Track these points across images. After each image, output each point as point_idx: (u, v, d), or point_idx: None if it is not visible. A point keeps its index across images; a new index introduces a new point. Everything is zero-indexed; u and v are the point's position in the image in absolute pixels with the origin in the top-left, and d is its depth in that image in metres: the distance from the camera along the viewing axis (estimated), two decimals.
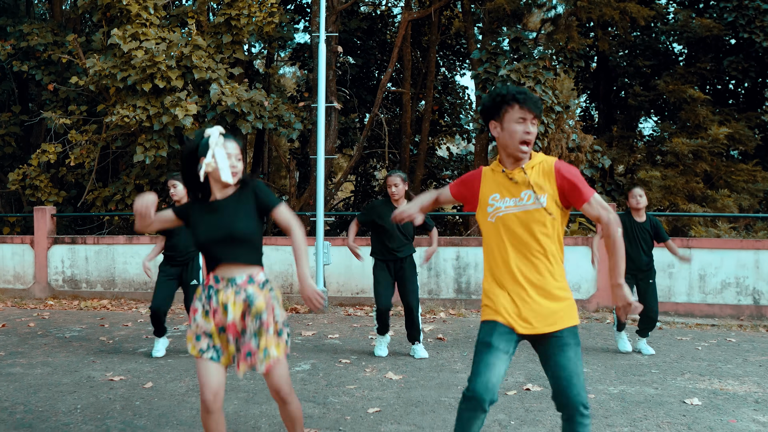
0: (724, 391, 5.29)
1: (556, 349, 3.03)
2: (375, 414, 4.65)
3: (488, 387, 3.00)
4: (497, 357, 3.03)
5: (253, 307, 3.20)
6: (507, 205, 3.09)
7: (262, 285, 3.27)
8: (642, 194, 6.76)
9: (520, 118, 3.05)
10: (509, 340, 3.06)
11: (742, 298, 9.55)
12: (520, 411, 4.71)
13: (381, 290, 6.46)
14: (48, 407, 4.87)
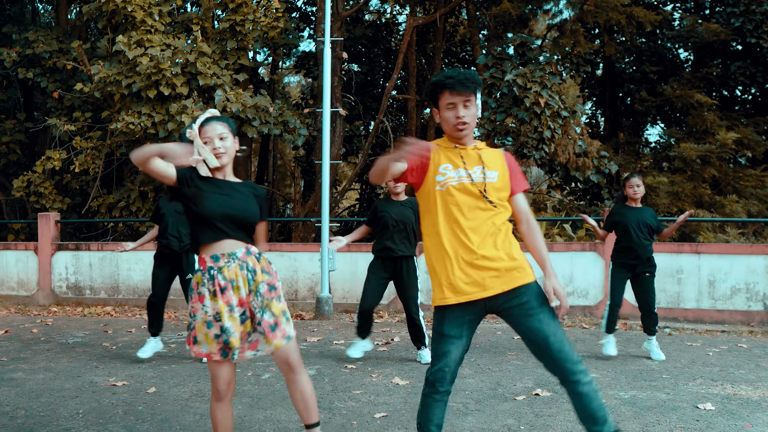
0: (737, 396, 5.19)
1: (523, 317, 3.08)
2: (381, 419, 4.56)
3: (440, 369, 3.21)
4: (450, 344, 3.17)
5: (253, 283, 3.22)
6: (460, 176, 3.13)
7: (257, 256, 3.32)
8: (640, 184, 6.60)
9: (449, 104, 3.13)
10: (460, 323, 3.16)
11: (753, 303, 9.43)
12: (529, 416, 4.62)
13: (367, 288, 6.35)
14: (49, 412, 4.79)
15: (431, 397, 3.24)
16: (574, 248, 9.96)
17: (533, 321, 3.06)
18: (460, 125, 3.12)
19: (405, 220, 6.29)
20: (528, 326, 3.07)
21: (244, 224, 3.29)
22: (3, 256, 11.70)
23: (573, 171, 12.84)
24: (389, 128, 16.93)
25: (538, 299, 3.09)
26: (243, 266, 3.22)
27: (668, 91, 13.47)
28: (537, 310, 3.07)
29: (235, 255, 3.22)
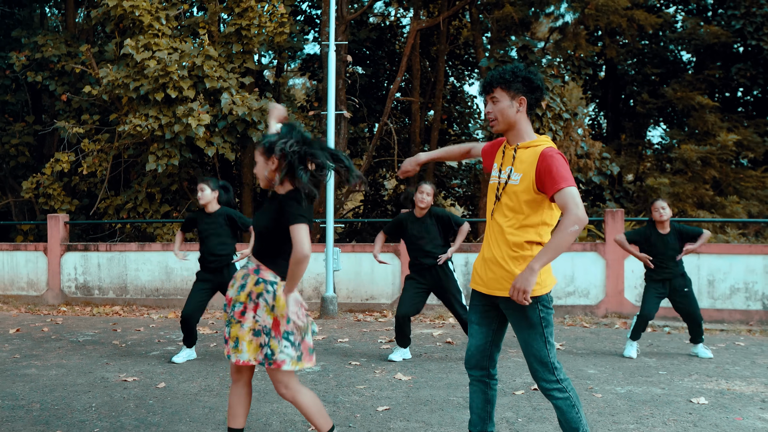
0: (731, 391, 5.33)
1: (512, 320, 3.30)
2: (384, 412, 4.72)
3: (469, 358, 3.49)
4: (472, 329, 3.47)
5: (236, 296, 3.37)
6: (497, 176, 3.37)
7: (260, 281, 3.36)
8: (665, 206, 6.72)
9: (483, 102, 3.40)
10: (483, 311, 3.41)
11: (752, 303, 9.56)
12: (527, 409, 4.77)
13: (403, 297, 6.49)
14: (63, 405, 4.96)
15: (469, 381, 3.55)
16: (576, 248, 10.10)
17: (521, 333, 3.28)
18: (488, 119, 3.36)
19: (424, 234, 6.43)
20: (518, 334, 3.30)
21: (258, 234, 3.46)
22: (13, 257, 11.88)
23: (575, 172, 12.97)
24: (393, 130, 17.09)
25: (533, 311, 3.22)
26: (244, 277, 3.41)
27: (669, 93, 13.60)
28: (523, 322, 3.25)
29: (248, 265, 3.45)
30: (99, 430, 4.36)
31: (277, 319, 3.28)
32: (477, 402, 3.51)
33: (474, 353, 3.45)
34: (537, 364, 3.25)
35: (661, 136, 17.15)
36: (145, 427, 4.40)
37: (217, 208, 6.53)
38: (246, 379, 3.49)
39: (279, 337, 3.28)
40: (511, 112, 3.28)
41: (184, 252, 6.83)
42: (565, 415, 3.27)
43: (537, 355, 3.24)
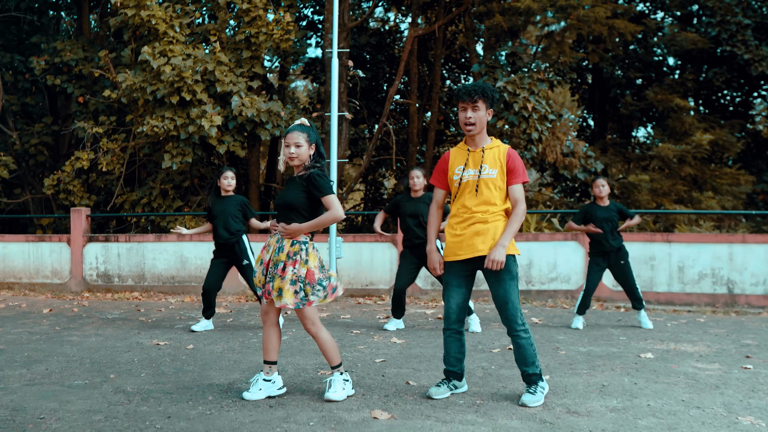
0: (676, 350, 6.25)
1: (493, 279, 4.29)
2: (380, 363, 5.64)
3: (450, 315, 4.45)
4: (453, 291, 4.41)
5: (276, 256, 4.27)
6: (470, 174, 4.29)
7: (294, 242, 4.31)
8: (604, 184, 7.70)
9: (461, 107, 4.33)
10: (459, 275, 4.39)
11: (718, 287, 10.47)
12: (500, 361, 5.69)
13: (399, 273, 7.40)
14: (109, 360, 5.87)
15: (447, 335, 4.48)
16: (558, 238, 11.01)
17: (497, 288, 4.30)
18: (467, 124, 4.31)
19: (418, 212, 7.35)
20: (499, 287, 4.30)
21: (286, 207, 4.37)
22: (38, 248, 12.79)
23: (561, 170, 13.90)
24: (392, 131, 18.01)
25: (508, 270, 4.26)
26: (278, 241, 4.35)
27: (650, 95, 14.53)
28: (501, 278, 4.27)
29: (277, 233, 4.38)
30: (144, 374, 5.27)
31: (310, 269, 4.26)
32: (454, 347, 4.48)
33: (455, 310, 4.43)
34: (512, 309, 4.27)
35: (644, 136, 18.07)
36: (182, 373, 5.31)
37: (233, 194, 7.56)
38: (274, 319, 4.42)
39: (313, 283, 4.26)
40: (485, 120, 4.30)
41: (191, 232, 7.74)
42: (525, 351, 4.28)
43: (514, 301, 4.27)
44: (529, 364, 4.32)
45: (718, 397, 4.51)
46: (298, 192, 4.35)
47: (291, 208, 4.35)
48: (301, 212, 4.35)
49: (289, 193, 4.38)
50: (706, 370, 5.35)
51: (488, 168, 4.28)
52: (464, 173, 4.33)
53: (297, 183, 4.38)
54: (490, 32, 13.73)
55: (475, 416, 4.03)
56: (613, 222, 7.67)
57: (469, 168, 4.32)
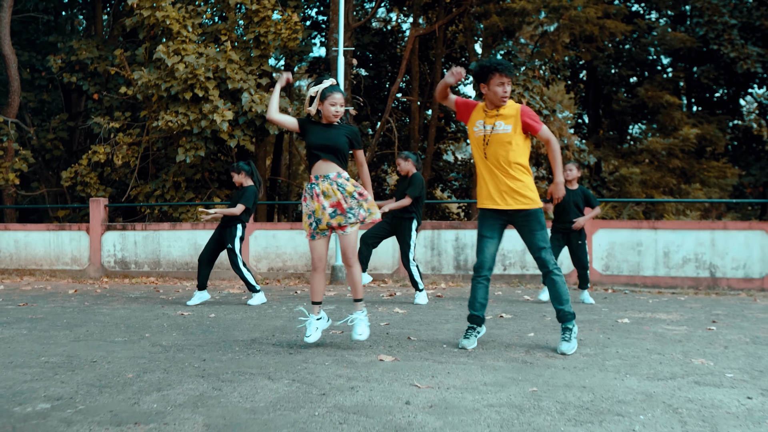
0: (651, 318, 6.92)
1: (525, 229, 4.96)
2: (385, 325, 6.32)
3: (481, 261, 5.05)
4: (487, 243, 5.06)
5: (345, 191, 4.94)
6: (488, 128, 4.93)
7: (347, 178, 5.04)
8: (572, 168, 8.38)
9: (500, 82, 4.92)
10: (493, 226, 5.04)
11: (701, 271, 11.14)
12: (491, 324, 6.37)
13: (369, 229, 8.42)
14: (142, 325, 6.56)
15: (478, 282, 5.08)
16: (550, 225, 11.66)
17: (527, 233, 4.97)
18: (504, 98, 4.93)
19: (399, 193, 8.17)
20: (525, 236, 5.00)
21: (331, 150, 4.98)
22: (59, 236, 13.48)
23: None
24: (394, 128, 18.71)
25: (537, 219, 4.94)
26: (333, 183, 4.98)
27: (641, 92, 15.20)
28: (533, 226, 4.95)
29: (327, 177, 4.99)
30: (175, 334, 5.95)
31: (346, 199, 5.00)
32: (482, 293, 5.12)
33: (488, 259, 5.07)
34: (546, 253, 4.94)
35: (637, 133, 18.73)
36: (209, 333, 5.99)
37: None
38: (323, 267, 5.09)
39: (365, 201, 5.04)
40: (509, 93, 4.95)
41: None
42: (560, 288, 4.99)
43: (547, 245, 4.96)
44: (563, 302, 4.99)
45: (678, 347, 5.18)
46: (344, 139, 5.01)
47: (335, 151, 4.99)
48: (343, 155, 5.05)
49: (338, 138, 5.00)
50: (673, 330, 6.03)
51: (503, 124, 4.91)
52: (483, 127, 4.95)
53: (340, 131, 5.02)
54: (487, 32, 14.41)
55: (467, 359, 4.71)
56: (578, 205, 8.35)
57: (487, 123, 4.94)
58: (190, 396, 3.73)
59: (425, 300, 8.25)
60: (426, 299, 8.28)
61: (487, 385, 3.93)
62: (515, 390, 3.82)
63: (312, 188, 5.02)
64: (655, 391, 3.82)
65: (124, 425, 3.22)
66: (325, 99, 4.99)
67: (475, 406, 3.50)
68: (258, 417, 3.32)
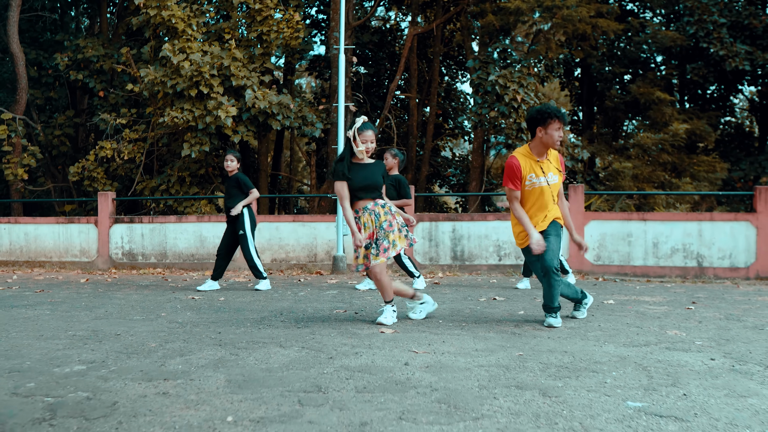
0: (636, 300, 7.35)
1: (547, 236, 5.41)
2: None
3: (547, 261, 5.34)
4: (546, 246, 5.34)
5: (377, 221, 5.36)
6: (540, 180, 5.35)
7: (383, 205, 5.47)
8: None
9: (558, 127, 5.35)
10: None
11: (688, 261, 11.57)
12: (485, 305, 6.80)
13: None
14: (157, 306, 6.98)
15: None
16: None
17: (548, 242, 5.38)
18: (559, 143, 5.38)
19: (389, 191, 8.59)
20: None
21: (374, 189, 5.47)
22: (68, 229, 13.89)
23: None
24: (393, 124, 19.13)
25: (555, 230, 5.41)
26: (371, 213, 5.43)
27: (634, 89, 15.62)
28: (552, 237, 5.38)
29: (366, 207, 5.44)
30: (189, 314, 6.37)
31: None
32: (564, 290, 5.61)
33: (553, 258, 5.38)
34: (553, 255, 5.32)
35: (631, 129, 19.17)
36: (221, 312, 6.41)
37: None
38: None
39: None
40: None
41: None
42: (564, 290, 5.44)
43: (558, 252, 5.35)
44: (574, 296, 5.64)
45: (656, 322, 5.61)
46: (381, 177, 5.51)
47: (377, 189, 5.49)
48: (380, 191, 5.52)
49: (378, 178, 5.50)
50: (654, 309, 6.46)
51: (553, 174, 5.41)
52: (536, 180, 5.36)
53: (376, 170, 5.50)
54: (483, 30, 14.83)
55: (460, 331, 5.14)
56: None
57: (538, 176, 5.37)
58: (211, 359, 4.16)
59: (423, 284, 8.67)
60: (424, 283, 8.70)
61: (478, 351, 4.36)
62: (503, 354, 4.25)
63: (359, 221, 5.48)
64: (629, 354, 4.25)
65: (154, 380, 3.64)
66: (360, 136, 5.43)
67: (467, 366, 3.92)
68: (273, 374, 3.75)
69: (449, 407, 3.08)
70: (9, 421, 2.97)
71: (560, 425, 2.81)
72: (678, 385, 3.48)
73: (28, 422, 2.94)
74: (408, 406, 3.10)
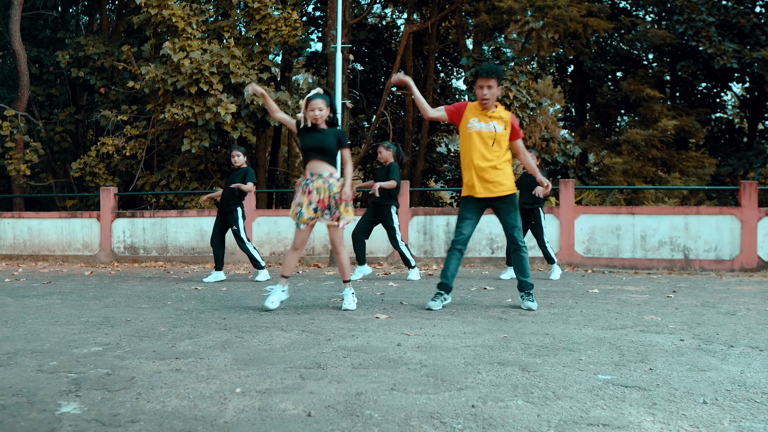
0: (619, 289, 7.69)
1: (503, 211, 5.68)
2: (380, 294, 7.09)
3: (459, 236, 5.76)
4: (466, 223, 5.76)
5: (331, 192, 5.66)
6: (483, 125, 5.66)
7: (338, 179, 5.78)
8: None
9: (479, 86, 5.68)
10: (474, 209, 5.79)
11: (675, 253, 11.93)
12: (476, 293, 7.14)
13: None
14: (162, 296, 7.30)
15: (453, 253, 5.86)
16: None
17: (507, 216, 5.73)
18: (483, 99, 5.67)
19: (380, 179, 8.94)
20: (503, 218, 5.76)
21: (321, 151, 5.74)
22: (70, 223, 14.20)
23: (543, 154, 15.32)
24: (389, 121, 19.44)
25: (513, 203, 5.73)
26: (325, 182, 5.73)
27: (624, 86, 15.96)
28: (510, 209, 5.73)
29: (321, 175, 5.74)
30: (194, 302, 6.69)
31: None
32: (455, 265, 5.89)
33: (467, 236, 5.83)
34: (517, 232, 5.73)
35: (624, 125, 19.51)
36: (224, 301, 6.74)
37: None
38: (302, 249, 5.84)
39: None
40: (496, 95, 5.67)
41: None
42: (524, 263, 5.77)
43: (519, 225, 5.74)
44: (526, 274, 5.84)
45: (635, 308, 5.96)
46: (333, 140, 5.76)
47: (326, 152, 5.75)
48: (332, 155, 5.79)
49: (326, 140, 5.75)
50: (635, 297, 6.81)
51: (496, 124, 5.67)
52: (477, 124, 5.69)
53: (328, 134, 5.76)
54: (477, 29, 15.16)
55: (451, 317, 5.47)
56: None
57: (480, 121, 5.68)
58: (218, 341, 4.48)
59: (418, 276, 9.01)
60: (418, 275, 9.04)
61: (466, 333, 4.69)
62: (489, 336, 4.59)
63: (307, 184, 5.76)
64: (605, 336, 4.59)
65: (167, 359, 3.97)
66: (307, 105, 5.74)
67: (455, 346, 4.25)
68: (276, 354, 4.07)
69: (436, 380, 3.41)
70: (39, 393, 3.29)
71: (535, 394, 3.14)
72: (646, 361, 3.81)
73: (56, 393, 3.26)
74: (399, 379, 3.43)
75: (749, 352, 4.07)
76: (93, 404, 3.07)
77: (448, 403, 2.98)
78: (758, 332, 4.77)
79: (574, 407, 2.90)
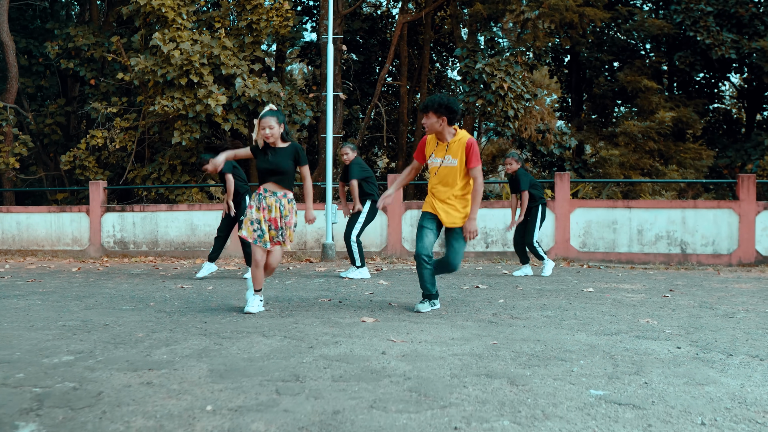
0: (614, 288, 7.52)
1: (452, 238, 5.64)
2: (369, 294, 6.91)
3: (423, 248, 5.62)
4: (428, 233, 5.67)
5: (282, 213, 5.52)
6: (438, 161, 5.63)
7: (289, 200, 5.61)
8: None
9: (424, 118, 5.70)
10: (435, 223, 5.71)
11: (672, 248, 11.76)
12: (467, 292, 6.96)
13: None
14: (147, 296, 7.11)
15: (423, 266, 5.75)
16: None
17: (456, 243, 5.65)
18: (425, 128, 5.65)
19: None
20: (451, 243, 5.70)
21: (279, 173, 5.58)
22: (59, 218, 13.99)
23: (539, 146, 15.13)
24: (383, 112, 19.22)
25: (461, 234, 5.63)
26: (278, 201, 5.57)
27: (621, 77, 15.74)
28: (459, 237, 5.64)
29: (275, 194, 5.59)
30: (177, 303, 6.51)
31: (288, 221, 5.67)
32: (428, 274, 5.72)
33: (429, 247, 5.68)
34: (458, 258, 5.65)
35: (620, 116, 19.31)
36: (208, 302, 6.56)
37: None
38: (263, 264, 5.68)
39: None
40: (436, 126, 5.54)
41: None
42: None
43: (462, 252, 5.65)
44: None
45: (631, 310, 5.78)
46: (289, 160, 5.60)
47: (281, 173, 5.59)
48: (289, 176, 5.63)
49: (281, 162, 5.59)
50: (631, 297, 6.64)
51: (451, 158, 5.55)
52: (434, 160, 5.64)
53: (285, 153, 5.60)
54: (472, 18, 14.92)
55: (440, 320, 5.29)
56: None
57: (437, 157, 5.63)
58: (195, 349, 4.30)
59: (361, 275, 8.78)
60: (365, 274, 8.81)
61: (454, 340, 4.51)
62: (478, 343, 4.41)
63: (261, 200, 5.61)
64: (599, 343, 4.41)
65: (139, 371, 3.78)
66: (259, 124, 5.56)
67: (442, 355, 4.07)
68: (254, 364, 3.89)
69: (419, 396, 3.23)
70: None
71: (523, 413, 2.96)
72: (641, 373, 3.63)
73: (16, 412, 3.08)
74: (380, 394, 3.25)
75: (749, 362, 3.90)
76: (52, 425, 2.89)
77: (429, 424, 2.81)
78: (758, 338, 4.60)
79: (564, 429, 2.72)
